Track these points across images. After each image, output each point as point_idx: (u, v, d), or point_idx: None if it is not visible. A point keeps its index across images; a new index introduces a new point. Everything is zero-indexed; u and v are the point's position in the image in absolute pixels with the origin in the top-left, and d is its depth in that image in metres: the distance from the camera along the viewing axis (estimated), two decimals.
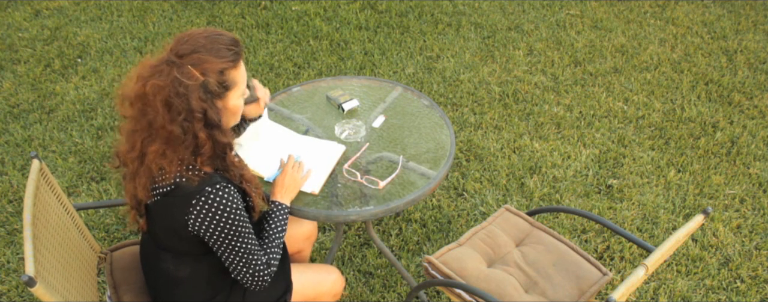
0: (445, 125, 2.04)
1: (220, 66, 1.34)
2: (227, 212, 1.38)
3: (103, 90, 3.49)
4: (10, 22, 4.12)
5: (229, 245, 1.43)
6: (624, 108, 3.42)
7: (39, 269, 1.34)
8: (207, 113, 1.33)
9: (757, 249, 2.62)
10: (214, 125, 1.36)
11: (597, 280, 1.88)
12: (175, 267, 1.54)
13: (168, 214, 1.41)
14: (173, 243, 1.51)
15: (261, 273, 1.50)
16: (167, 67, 1.31)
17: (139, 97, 1.33)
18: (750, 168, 3.03)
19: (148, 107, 1.32)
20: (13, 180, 2.87)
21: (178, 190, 1.37)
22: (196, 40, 1.34)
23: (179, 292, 1.58)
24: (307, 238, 2.07)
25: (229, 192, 1.38)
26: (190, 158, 1.37)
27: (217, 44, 1.34)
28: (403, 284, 2.43)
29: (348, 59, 3.77)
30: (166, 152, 1.35)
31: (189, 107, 1.30)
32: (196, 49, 1.32)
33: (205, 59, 1.32)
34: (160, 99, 1.30)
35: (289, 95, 2.19)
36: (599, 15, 4.32)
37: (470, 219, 2.71)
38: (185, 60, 1.31)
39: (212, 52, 1.33)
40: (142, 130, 1.36)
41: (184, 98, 1.30)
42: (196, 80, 1.31)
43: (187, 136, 1.33)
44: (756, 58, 3.89)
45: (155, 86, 1.30)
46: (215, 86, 1.34)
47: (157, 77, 1.31)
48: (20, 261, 2.51)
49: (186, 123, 1.32)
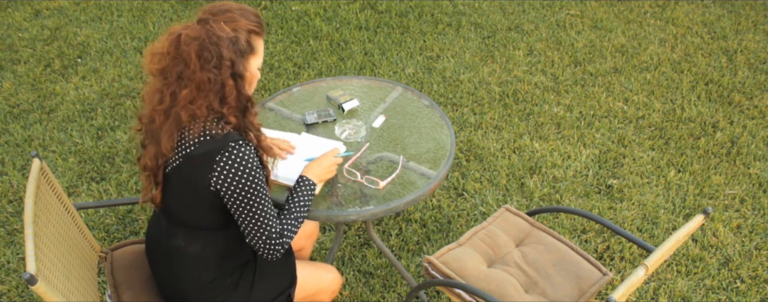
0: (445, 125, 2.04)
1: (249, 27, 1.46)
2: (249, 168, 1.44)
3: (103, 90, 3.49)
4: (10, 22, 4.12)
5: (247, 205, 1.47)
6: (624, 108, 3.42)
7: (40, 267, 1.34)
8: (235, 63, 1.43)
9: (757, 249, 2.62)
10: (240, 76, 1.45)
11: (597, 280, 1.88)
12: (186, 242, 1.57)
13: (190, 175, 1.46)
14: (188, 214, 1.53)
15: (273, 241, 1.53)
16: (199, 25, 1.43)
17: (173, 47, 1.42)
18: (750, 168, 3.03)
19: (179, 57, 1.41)
20: (13, 180, 2.87)
21: (201, 148, 1.43)
22: (228, 5, 1.47)
23: (188, 269, 1.59)
24: (309, 236, 2.11)
25: (250, 150, 1.46)
26: (218, 108, 1.44)
27: (246, 11, 1.48)
28: (403, 284, 2.44)
29: (348, 59, 3.77)
30: (196, 98, 1.42)
31: (220, 54, 1.40)
32: (229, 9, 1.45)
33: (237, 19, 1.44)
34: (193, 48, 1.39)
35: (289, 95, 2.19)
36: (599, 15, 4.32)
37: (470, 219, 2.71)
38: (218, 17, 1.43)
39: (243, 15, 1.46)
40: (172, 81, 1.43)
41: (216, 46, 1.40)
42: (228, 34, 1.42)
43: (215, 84, 1.42)
44: (756, 58, 3.89)
45: (188, 37, 1.40)
46: (244, 44, 1.44)
47: (189, 30, 1.42)
48: (20, 261, 2.51)
49: (216, 70, 1.41)
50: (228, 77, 1.43)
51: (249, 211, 1.48)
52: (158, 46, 1.45)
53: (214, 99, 1.43)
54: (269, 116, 2.09)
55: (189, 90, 1.41)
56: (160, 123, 1.46)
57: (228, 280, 1.63)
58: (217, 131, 1.45)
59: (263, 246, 1.52)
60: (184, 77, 1.41)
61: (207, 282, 1.60)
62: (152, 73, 1.46)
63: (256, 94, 3.46)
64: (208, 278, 1.60)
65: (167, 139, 1.45)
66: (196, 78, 1.40)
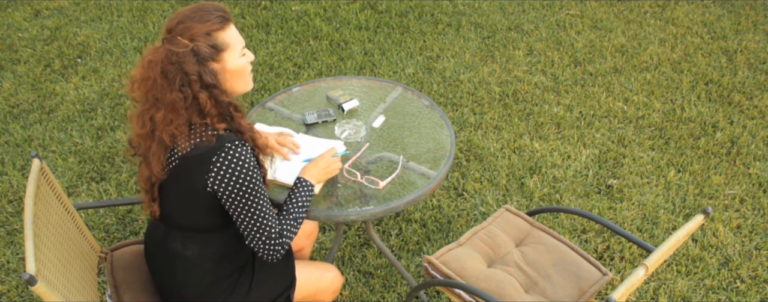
0: (445, 125, 2.04)
1: (206, 29, 1.42)
2: (245, 168, 1.44)
3: (103, 90, 3.49)
4: (10, 22, 4.12)
5: (245, 206, 1.47)
6: (624, 108, 3.42)
7: (40, 267, 1.34)
8: (202, 75, 1.42)
9: (757, 249, 2.62)
10: (211, 86, 1.44)
11: (597, 280, 1.88)
12: (184, 245, 1.57)
13: (187, 177, 1.46)
14: (185, 217, 1.53)
15: (273, 242, 1.52)
16: (162, 45, 1.43)
17: (142, 75, 1.43)
18: (750, 168, 3.03)
19: (149, 83, 1.42)
20: (13, 180, 2.87)
21: (197, 149, 1.43)
22: (182, 14, 1.44)
23: (185, 272, 1.59)
24: (308, 236, 2.11)
25: (247, 150, 1.46)
26: (199, 120, 1.44)
27: (201, 12, 1.44)
28: (403, 284, 2.44)
29: (348, 59, 3.77)
30: (173, 119, 1.42)
31: (183, 71, 1.40)
32: (182, 20, 1.43)
33: (191, 26, 1.41)
34: (157, 72, 1.40)
35: (289, 95, 2.19)
36: (599, 15, 4.32)
37: (470, 219, 2.71)
38: (174, 32, 1.42)
39: (196, 20, 1.42)
40: (149, 107, 1.44)
41: (177, 65, 1.39)
42: (186, 47, 1.40)
43: (187, 100, 1.42)
44: (756, 58, 3.89)
45: (151, 62, 1.41)
46: (206, 49, 1.42)
47: (153, 54, 1.43)
48: (20, 261, 2.51)
49: (184, 88, 1.41)
50: (199, 91, 1.42)
51: (247, 212, 1.48)
52: (134, 72, 1.47)
53: (192, 114, 1.43)
54: (269, 116, 2.09)
55: (163, 113, 1.42)
56: (147, 147, 1.48)
57: (226, 282, 1.62)
58: (209, 136, 1.45)
59: (263, 246, 1.52)
60: (158, 100, 1.42)
61: (205, 284, 1.60)
62: (134, 100, 1.49)
63: (256, 94, 3.46)
64: (206, 280, 1.60)
65: (157, 162, 1.47)
66: (167, 99, 1.41)
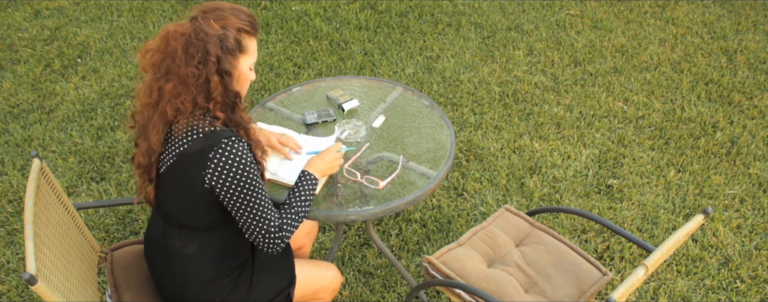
0: (445, 125, 2.04)
1: (239, 25, 1.46)
2: (243, 164, 1.45)
3: (103, 90, 3.49)
4: (10, 22, 4.12)
5: (244, 200, 1.47)
6: (624, 108, 3.42)
7: (40, 267, 1.34)
8: (220, 60, 1.44)
9: (757, 249, 2.62)
10: (226, 72, 1.46)
11: (597, 280, 1.88)
12: (183, 243, 1.57)
13: (184, 173, 1.46)
14: (184, 214, 1.53)
15: (273, 235, 1.53)
16: (190, 22, 1.45)
17: (162, 42, 1.44)
18: (750, 168, 3.03)
19: (167, 52, 1.43)
20: (13, 180, 2.87)
21: (194, 145, 1.44)
22: (220, 4, 1.49)
23: (185, 270, 1.59)
24: (308, 234, 2.12)
25: (243, 145, 1.47)
26: (203, 103, 1.45)
27: (237, 11, 1.49)
28: (403, 284, 2.44)
29: (348, 59, 3.77)
30: (181, 93, 1.43)
31: (206, 50, 1.41)
32: (219, 8, 1.47)
33: (226, 16, 1.46)
34: (179, 43, 1.42)
35: (289, 95, 2.19)
36: (599, 15, 4.32)
37: (470, 219, 2.71)
38: (208, 14, 1.45)
39: (233, 14, 1.47)
40: (160, 76, 1.45)
41: (202, 43, 1.41)
42: (216, 31, 1.43)
43: (200, 79, 1.43)
44: (756, 58, 3.89)
45: (176, 32, 1.43)
46: (232, 41, 1.45)
47: (179, 26, 1.44)
48: (20, 261, 2.51)
49: (200, 66, 1.42)
50: (213, 73, 1.44)
51: (246, 206, 1.48)
52: (151, 43, 1.48)
53: (199, 94, 1.44)
54: (269, 116, 2.09)
55: (173, 84, 1.43)
56: (148, 118, 1.48)
57: (226, 280, 1.63)
58: (206, 126, 1.46)
59: (263, 240, 1.53)
60: (172, 70, 1.43)
61: (205, 282, 1.60)
62: (144, 69, 1.49)
63: (256, 94, 3.46)
64: (206, 278, 1.60)
65: (155, 133, 1.47)
66: (181, 72, 1.42)
